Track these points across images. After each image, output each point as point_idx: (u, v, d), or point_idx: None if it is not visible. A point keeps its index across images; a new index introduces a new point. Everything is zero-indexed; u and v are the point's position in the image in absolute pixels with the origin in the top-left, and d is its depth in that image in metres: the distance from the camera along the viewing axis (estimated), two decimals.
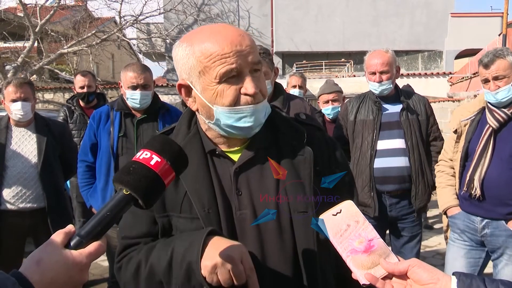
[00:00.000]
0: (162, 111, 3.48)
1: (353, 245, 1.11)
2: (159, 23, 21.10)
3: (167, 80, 19.97)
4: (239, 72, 1.24)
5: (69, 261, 0.92)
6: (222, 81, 1.24)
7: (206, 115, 1.32)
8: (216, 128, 1.33)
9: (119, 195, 1.01)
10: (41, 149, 3.53)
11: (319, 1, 22.16)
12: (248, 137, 1.36)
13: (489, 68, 2.76)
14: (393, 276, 1.09)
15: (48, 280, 0.89)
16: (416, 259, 1.08)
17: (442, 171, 3.12)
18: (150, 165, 1.03)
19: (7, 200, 3.43)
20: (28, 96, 3.51)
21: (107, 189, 3.35)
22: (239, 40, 1.25)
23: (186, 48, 1.28)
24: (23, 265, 0.91)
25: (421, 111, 3.44)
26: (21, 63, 14.97)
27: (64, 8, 18.46)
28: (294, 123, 1.46)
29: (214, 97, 1.26)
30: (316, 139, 1.44)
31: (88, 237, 0.96)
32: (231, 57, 1.22)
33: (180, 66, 1.31)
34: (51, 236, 0.96)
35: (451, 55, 22.25)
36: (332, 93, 4.57)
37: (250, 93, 1.25)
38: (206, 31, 1.28)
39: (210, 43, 1.24)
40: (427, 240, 6.01)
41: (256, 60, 1.28)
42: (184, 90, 1.34)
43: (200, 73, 1.26)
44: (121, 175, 1.02)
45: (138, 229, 1.39)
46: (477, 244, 2.91)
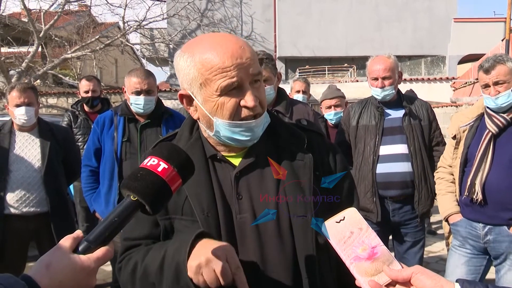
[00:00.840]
0: (165, 116, 3.49)
1: (357, 252, 1.11)
2: (162, 28, 21.18)
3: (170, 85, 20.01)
4: (239, 84, 1.27)
5: (78, 265, 0.93)
6: (223, 94, 1.26)
7: (207, 125, 1.35)
8: (216, 139, 1.36)
9: (126, 201, 1.02)
10: (45, 154, 3.54)
11: (322, 7, 22.22)
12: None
13: (490, 74, 2.77)
14: (397, 283, 1.09)
15: (56, 284, 0.91)
16: (420, 266, 1.08)
17: (441, 178, 3.12)
18: (158, 171, 1.04)
19: (10, 204, 3.44)
20: (32, 101, 3.53)
21: (111, 193, 3.36)
22: (239, 53, 1.26)
23: (188, 59, 1.29)
24: (33, 269, 0.93)
25: (424, 116, 3.44)
26: (25, 68, 15.04)
27: (68, 13, 18.55)
28: (294, 128, 1.48)
29: (215, 109, 1.29)
30: (316, 145, 1.45)
31: (96, 242, 0.97)
32: (231, 71, 1.24)
33: (182, 76, 1.33)
34: (60, 241, 0.97)
35: (454, 60, 22.25)
36: (335, 99, 4.58)
37: (250, 106, 1.27)
38: (207, 42, 1.29)
39: (211, 55, 1.25)
40: (430, 245, 5.99)
41: (256, 72, 1.29)
42: (185, 99, 1.37)
43: (201, 85, 1.28)
44: (129, 181, 1.03)
45: (140, 231, 1.41)
46: (480, 251, 2.90)
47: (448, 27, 22.19)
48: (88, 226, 5.07)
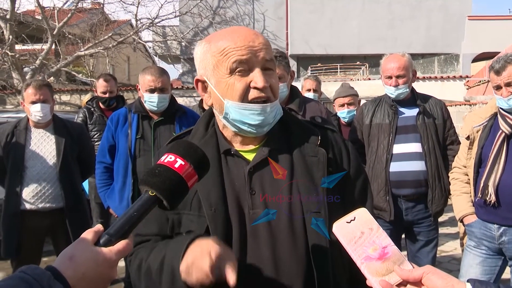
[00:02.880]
0: (178, 114, 3.51)
1: (367, 252, 1.11)
2: (175, 26, 21.21)
3: (182, 83, 20.09)
4: (249, 66, 1.30)
5: (100, 257, 0.96)
6: (233, 73, 1.30)
7: (219, 109, 1.37)
8: (226, 123, 1.38)
9: (145, 196, 1.06)
10: (60, 150, 3.59)
11: (335, 4, 22.09)
12: (262, 136, 1.39)
13: (501, 75, 2.73)
14: (408, 283, 1.09)
15: (80, 275, 0.93)
16: (431, 266, 1.08)
17: (456, 178, 3.10)
18: (175, 168, 1.08)
19: (26, 200, 3.50)
20: (47, 98, 3.57)
21: (125, 190, 3.39)
22: (252, 37, 1.31)
23: (205, 46, 1.37)
24: (57, 261, 0.96)
25: (438, 115, 3.42)
26: (39, 65, 15.18)
27: (81, 11, 18.69)
28: (308, 125, 1.48)
29: (225, 90, 1.32)
30: (330, 141, 1.46)
31: (116, 235, 1.01)
32: (242, 50, 1.29)
33: (198, 63, 1.39)
34: (82, 234, 1.00)
35: (468, 59, 22.00)
36: (348, 97, 4.57)
37: (259, 87, 1.29)
38: (224, 31, 1.37)
39: (226, 39, 1.32)
40: (443, 245, 5.96)
41: (268, 58, 1.32)
42: (200, 85, 1.41)
43: (214, 67, 1.33)
44: (147, 177, 1.07)
45: (150, 227, 1.43)
46: (495, 252, 2.88)
47: (462, 25, 21.93)
48: (102, 222, 5.10)
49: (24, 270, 0.90)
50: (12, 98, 15.77)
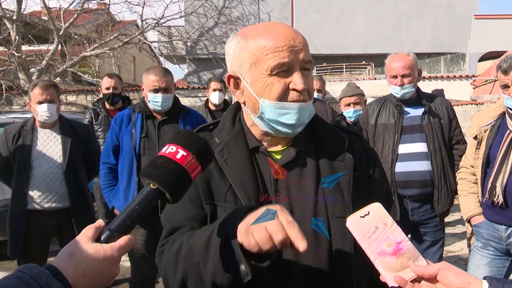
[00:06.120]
0: (182, 113, 3.52)
1: (382, 247, 1.10)
2: (180, 26, 21.25)
3: (187, 83, 20.12)
4: (289, 67, 1.26)
5: (101, 254, 0.94)
6: (272, 74, 1.26)
7: (252, 108, 1.34)
8: (260, 123, 1.34)
9: (146, 189, 1.02)
10: (66, 150, 3.60)
11: (340, 4, 22.05)
12: (290, 137, 1.37)
13: (509, 74, 2.71)
14: (422, 279, 1.07)
15: (80, 273, 0.91)
16: (446, 263, 1.07)
17: (463, 178, 3.07)
18: (176, 159, 1.03)
19: (33, 200, 3.51)
20: (54, 98, 3.58)
21: (130, 189, 3.39)
22: (293, 36, 1.28)
23: (240, 41, 1.31)
24: (56, 258, 0.94)
25: (444, 114, 3.40)
26: (45, 65, 15.28)
27: (87, 11, 18.78)
28: (335, 128, 1.46)
29: (263, 90, 1.28)
30: (356, 146, 1.44)
31: (118, 231, 0.98)
32: (284, 51, 1.25)
33: (232, 58, 1.34)
34: (82, 230, 0.98)
35: (475, 58, 21.88)
36: (354, 96, 4.55)
37: (299, 89, 1.26)
38: (261, 26, 1.32)
39: (265, 36, 1.27)
40: (449, 245, 5.92)
41: (307, 59, 1.29)
42: (233, 81, 1.36)
43: (251, 65, 1.28)
44: (148, 169, 1.03)
45: (186, 213, 1.36)
46: (502, 253, 2.86)
47: (469, 24, 21.82)
48: (108, 222, 5.10)
49: (22, 270, 0.88)
50: (18, 98, 15.87)
